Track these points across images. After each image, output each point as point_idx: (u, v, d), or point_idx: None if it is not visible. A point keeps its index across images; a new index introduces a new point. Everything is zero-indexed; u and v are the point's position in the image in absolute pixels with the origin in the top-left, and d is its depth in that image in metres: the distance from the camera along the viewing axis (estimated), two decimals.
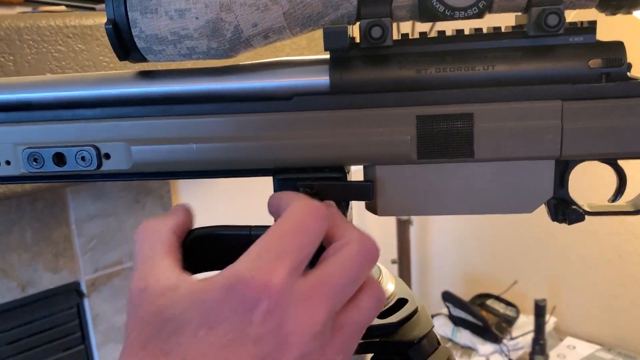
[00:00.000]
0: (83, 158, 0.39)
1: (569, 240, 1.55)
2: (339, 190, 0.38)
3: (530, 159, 0.37)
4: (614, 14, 0.36)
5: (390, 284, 0.42)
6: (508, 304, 1.65)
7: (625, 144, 0.36)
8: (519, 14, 0.38)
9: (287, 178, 0.38)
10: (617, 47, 0.36)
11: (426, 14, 0.35)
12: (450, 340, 1.62)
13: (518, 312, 1.62)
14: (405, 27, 1.45)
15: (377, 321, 0.38)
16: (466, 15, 0.34)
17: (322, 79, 0.37)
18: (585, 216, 0.39)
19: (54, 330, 1.25)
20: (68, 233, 1.26)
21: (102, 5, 0.99)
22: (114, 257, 1.35)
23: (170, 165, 0.39)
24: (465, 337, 1.59)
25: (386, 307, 0.40)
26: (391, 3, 0.36)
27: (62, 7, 1.02)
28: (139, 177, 0.40)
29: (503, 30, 0.37)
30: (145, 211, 1.34)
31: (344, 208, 0.38)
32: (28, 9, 1.00)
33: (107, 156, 0.39)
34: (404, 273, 1.79)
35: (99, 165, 0.39)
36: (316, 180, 0.38)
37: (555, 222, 0.40)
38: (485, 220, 1.69)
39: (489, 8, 0.34)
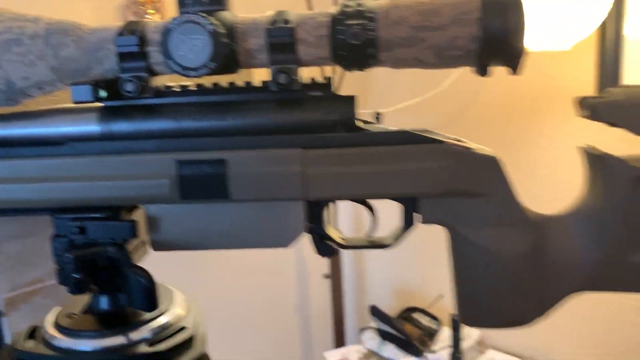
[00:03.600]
0: None
1: None
2: (106, 229, 0.41)
3: (280, 199, 0.41)
4: (350, 70, 0.40)
5: (179, 310, 0.46)
6: (433, 317, 1.69)
7: (366, 186, 0.40)
8: None
9: (63, 218, 0.41)
10: (350, 101, 0.40)
11: (173, 71, 0.39)
12: (376, 353, 1.66)
13: (440, 325, 1.67)
14: None
15: (146, 349, 0.42)
16: (198, 74, 0.38)
17: (93, 126, 0.41)
18: (341, 249, 0.43)
19: None
20: None
21: None
22: (35, 275, 1.36)
23: None
24: (390, 350, 1.63)
25: (164, 336, 0.43)
26: (148, 60, 0.39)
27: None
28: None
29: (254, 84, 0.41)
30: None
31: None
32: None
33: None
34: (336, 288, 1.83)
35: None
36: (86, 220, 0.41)
37: None
38: (416, 236, 1.74)
39: (224, 68, 0.38)
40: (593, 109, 0.38)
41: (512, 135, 1.50)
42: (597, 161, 0.40)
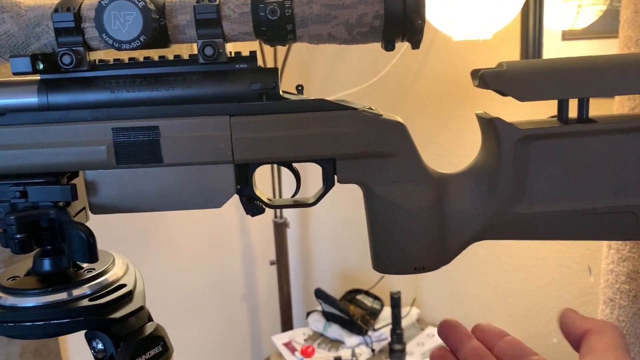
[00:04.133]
0: None
1: None
2: (47, 192, 0.44)
3: (211, 163, 0.45)
4: (273, 45, 0.45)
5: (119, 271, 0.49)
6: (375, 297, 1.76)
7: (288, 150, 0.45)
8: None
9: (4, 184, 0.44)
10: (272, 73, 0.44)
11: (107, 45, 0.42)
12: (321, 334, 1.72)
13: (382, 305, 1.74)
14: None
15: (87, 303, 0.45)
16: (131, 47, 0.41)
17: (31, 98, 0.44)
18: (267, 208, 0.47)
19: None
20: None
21: None
22: None
23: None
24: (334, 331, 1.69)
25: (104, 292, 0.47)
26: (83, 35, 0.42)
27: None
28: None
29: (184, 57, 0.45)
30: None
31: None
32: None
33: None
34: (283, 273, 1.87)
35: None
36: (28, 185, 0.44)
37: None
38: (360, 222, 1.80)
39: (156, 42, 0.42)
40: (481, 78, 0.44)
41: (444, 118, 1.58)
42: (489, 124, 0.46)
